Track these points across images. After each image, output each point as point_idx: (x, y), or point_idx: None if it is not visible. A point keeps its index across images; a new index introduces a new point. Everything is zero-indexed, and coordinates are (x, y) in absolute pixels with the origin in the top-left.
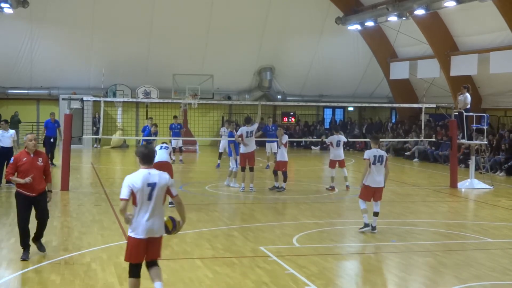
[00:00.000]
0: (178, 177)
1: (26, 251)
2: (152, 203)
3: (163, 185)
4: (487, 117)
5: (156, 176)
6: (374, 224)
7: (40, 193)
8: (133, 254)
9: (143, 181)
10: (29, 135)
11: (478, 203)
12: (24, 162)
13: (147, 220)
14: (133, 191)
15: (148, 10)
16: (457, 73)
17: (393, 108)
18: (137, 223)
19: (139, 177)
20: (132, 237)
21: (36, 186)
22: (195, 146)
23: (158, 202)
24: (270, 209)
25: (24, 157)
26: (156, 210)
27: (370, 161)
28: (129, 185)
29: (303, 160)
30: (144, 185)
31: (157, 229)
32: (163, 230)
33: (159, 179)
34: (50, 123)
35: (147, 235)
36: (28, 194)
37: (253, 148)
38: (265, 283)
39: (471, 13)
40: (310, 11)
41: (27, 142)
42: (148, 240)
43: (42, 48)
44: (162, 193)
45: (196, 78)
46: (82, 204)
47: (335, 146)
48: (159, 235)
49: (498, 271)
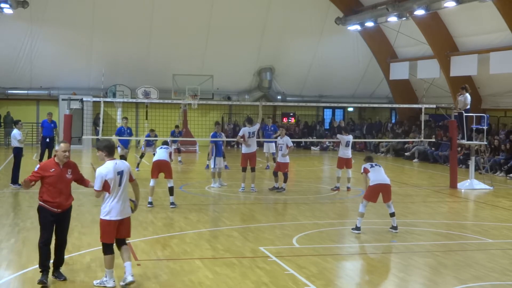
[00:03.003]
0: (178, 177)
1: (44, 274)
2: (122, 188)
3: (127, 171)
4: (487, 117)
5: (122, 164)
6: (394, 224)
7: (66, 209)
8: (107, 234)
9: (114, 170)
10: (62, 144)
11: (478, 203)
12: (52, 173)
13: (119, 203)
14: (106, 181)
15: (148, 10)
16: (457, 73)
17: (393, 109)
18: (110, 207)
19: (110, 167)
20: (107, 220)
21: (63, 201)
22: (195, 146)
23: (125, 187)
24: (270, 209)
25: (53, 167)
26: (124, 194)
27: (367, 168)
28: (102, 176)
29: (303, 161)
30: (115, 174)
31: (126, 211)
32: (130, 211)
33: (124, 167)
34: (47, 123)
35: (120, 216)
36: (54, 210)
37: (254, 149)
38: (265, 284)
39: (471, 14)
40: (310, 11)
41: (59, 152)
42: (120, 221)
43: (42, 48)
44: (127, 178)
45: (196, 78)
46: (82, 205)
47: (344, 146)
48: (128, 216)
49: (498, 272)
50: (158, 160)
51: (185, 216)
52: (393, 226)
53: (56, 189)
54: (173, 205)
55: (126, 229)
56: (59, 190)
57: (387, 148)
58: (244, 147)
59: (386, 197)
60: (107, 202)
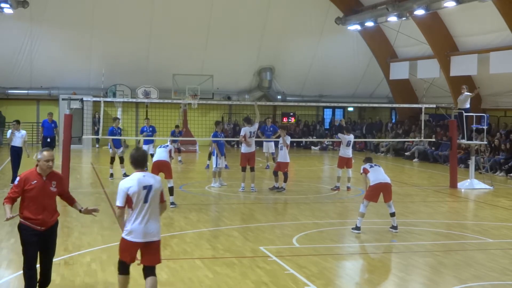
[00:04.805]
0: (178, 177)
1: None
2: (149, 206)
3: (158, 188)
4: (487, 117)
5: (151, 178)
6: (394, 224)
7: (51, 226)
8: (125, 253)
9: (139, 184)
10: (45, 152)
11: (478, 203)
12: (33, 186)
13: (144, 224)
14: (128, 195)
15: (148, 10)
16: (457, 73)
17: (393, 108)
18: (132, 227)
19: (134, 180)
20: (127, 240)
21: (47, 218)
22: (195, 146)
23: (154, 205)
24: (270, 209)
25: (35, 179)
26: (153, 213)
27: (367, 169)
28: (124, 190)
29: (303, 160)
30: (140, 188)
31: (154, 233)
32: (159, 234)
33: (154, 182)
34: (47, 123)
35: (144, 238)
36: (37, 228)
37: (253, 148)
38: (265, 283)
39: (471, 13)
40: (310, 11)
41: (41, 162)
42: (145, 244)
43: (42, 48)
44: (157, 195)
45: (196, 78)
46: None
47: (345, 146)
48: (157, 239)
49: (498, 271)
50: (158, 161)
51: (185, 216)
52: (393, 225)
53: (39, 204)
54: (173, 205)
55: (153, 255)
56: (42, 205)
57: (387, 148)
58: (243, 146)
59: (387, 197)
60: (129, 220)
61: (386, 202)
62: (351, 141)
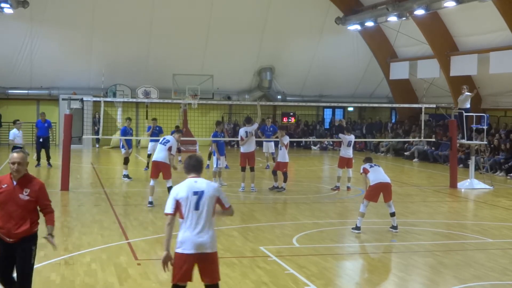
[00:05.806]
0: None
1: None
2: (200, 213)
3: (212, 194)
4: (487, 117)
5: (203, 184)
6: (394, 224)
7: (21, 239)
8: (179, 272)
9: (188, 189)
10: (14, 153)
11: (478, 203)
12: (3, 190)
13: (196, 233)
14: (178, 201)
15: (148, 10)
16: (457, 73)
17: (393, 108)
18: (184, 237)
19: (184, 185)
20: (179, 253)
21: (12, 228)
22: (195, 146)
23: (208, 213)
24: (270, 209)
25: (6, 183)
26: (206, 221)
27: (367, 169)
28: (173, 196)
29: (303, 160)
30: (189, 193)
31: (207, 243)
32: (214, 245)
33: (207, 187)
34: (40, 123)
35: (197, 250)
36: (5, 239)
37: (253, 148)
38: (265, 283)
39: (471, 13)
40: (310, 11)
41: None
42: (198, 257)
43: (42, 48)
44: (212, 203)
45: (196, 78)
46: (82, 204)
47: (346, 146)
48: (212, 251)
49: (498, 271)
50: (156, 161)
51: None
52: (393, 225)
53: (5, 211)
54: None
55: (211, 270)
56: (8, 213)
57: (387, 148)
58: (243, 146)
59: (387, 196)
60: (180, 230)
61: (386, 202)
62: (352, 141)
